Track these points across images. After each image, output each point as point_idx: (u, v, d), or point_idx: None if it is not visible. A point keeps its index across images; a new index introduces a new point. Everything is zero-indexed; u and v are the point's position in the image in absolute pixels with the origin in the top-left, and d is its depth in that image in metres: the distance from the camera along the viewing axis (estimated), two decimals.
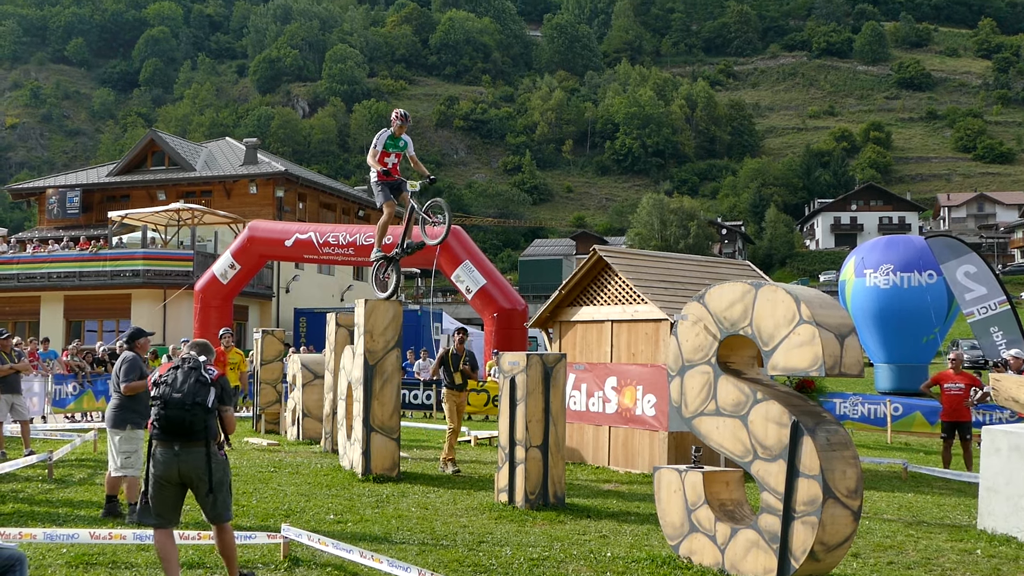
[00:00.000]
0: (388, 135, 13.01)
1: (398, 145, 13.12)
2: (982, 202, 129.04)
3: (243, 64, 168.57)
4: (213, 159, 46.60)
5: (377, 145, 12.98)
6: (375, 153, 12.98)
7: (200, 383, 6.81)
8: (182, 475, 6.85)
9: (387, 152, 13.07)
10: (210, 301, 31.51)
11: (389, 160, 13.11)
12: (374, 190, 13.22)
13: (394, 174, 13.19)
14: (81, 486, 12.22)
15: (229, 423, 7.10)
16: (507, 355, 11.82)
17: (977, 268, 24.02)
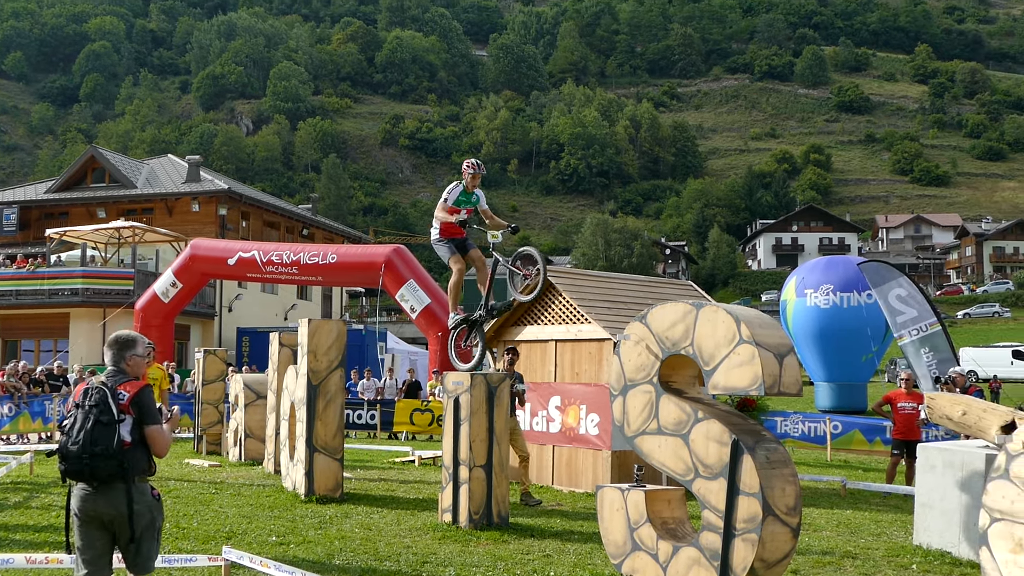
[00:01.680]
0: (460, 191, 11.71)
1: (470, 201, 11.84)
2: (919, 224, 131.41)
3: (186, 80, 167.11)
4: (155, 176, 46.12)
5: (448, 200, 11.65)
6: (444, 207, 11.66)
7: (101, 424, 5.64)
8: (101, 516, 5.74)
9: (456, 208, 11.77)
10: (151, 320, 31.16)
11: (457, 217, 11.81)
12: (436, 248, 12.03)
13: (460, 233, 11.97)
14: (16, 510, 12.01)
15: (157, 444, 5.85)
16: (451, 375, 11.84)
17: (908, 291, 24.44)
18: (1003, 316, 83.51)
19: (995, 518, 6.98)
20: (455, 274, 11.91)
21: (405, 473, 16.92)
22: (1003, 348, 53.52)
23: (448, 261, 11.86)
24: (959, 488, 10.25)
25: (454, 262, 11.80)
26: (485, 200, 12.05)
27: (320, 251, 30.43)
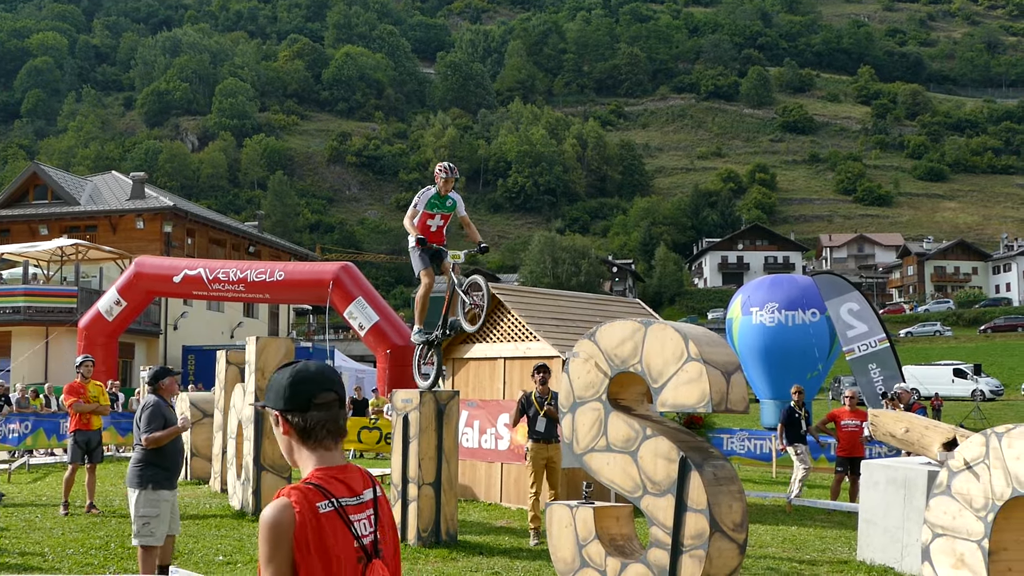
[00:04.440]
0: (433, 194, 11.18)
1: (444, 205, 11.28)
2: (862, 243, 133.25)
3: (130, 96, 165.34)
4: (98, 193, 45.55)
5: (418, 205, 11.14)
6: (415, 214, 11.10)
7: None
8: None
9: (430, 213, 11.21)
10: (95, 339, 30.73)
11: (433, 223, 11.24)
12: (411, 257, 11.41)
13: (438, 240, 11.34)
14: None
15: None
16: (400, 392, 11.82)
17: (860, 306, 24.80)
18: (944, 335, 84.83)
19: (937, 534, 7.11)
20: (423, 287, 11.26)
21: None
22: (944, 366, 54.40)
23: (419, 272, 11.25)
24: (902, 504, 10.40)
25: (424, 274, 11.16)
26: (463, 206, 11.57)
27: (267, 269, 30.23)
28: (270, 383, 2.99)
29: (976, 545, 6.79)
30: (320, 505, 2.76)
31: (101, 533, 11.61)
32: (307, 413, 2.88)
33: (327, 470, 2.87)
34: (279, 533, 2.69)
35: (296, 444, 2.91)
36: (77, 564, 9.55)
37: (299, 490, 2.77)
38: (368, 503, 2.92)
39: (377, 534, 2.91)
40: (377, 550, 2.89)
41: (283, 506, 2.72)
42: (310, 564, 2.71)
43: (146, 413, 8.52)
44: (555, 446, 11.32)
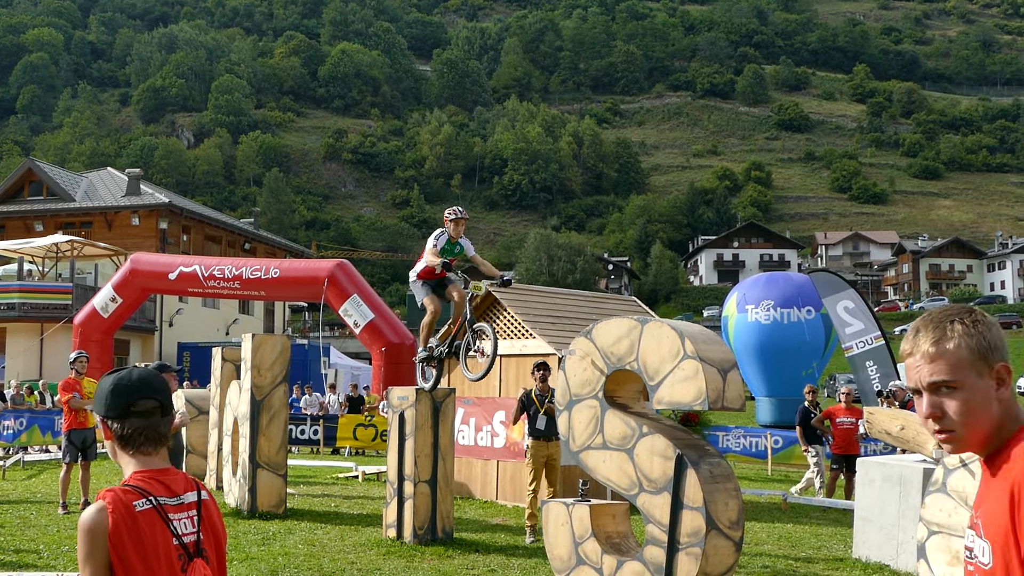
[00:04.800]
0: (446, 241, 11.06)
1: (453, 251, 11.20)
2: (857, 241, 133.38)
3: (126, 93, 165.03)
4: (94, 189, 45.50)
5: (437, 245, 11.01)
6: (433, 252, 10.97)
7: None
8: None
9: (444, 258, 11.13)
10: (90, 335, 30.68)
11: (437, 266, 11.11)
12: (414, 289, 11.47)
13: (439, 274, 11.19)
14: None
15: None
16: (396, 390, 11.82)
17: (855, 304, 24.80)
18: None
19: (933, 531, 7.11)
20: (429, 315, 11.22)
21: (349, 489, 16.83)
22: None
23: (422, 301, 11.20)
24: (898, 502, 10.42)
25: (429, 302, 11.12)
26: (472, 248, 11.43)
27: (262, 266, 30.21)
28: (97, 389, 3.12)
29: None
30: (137, 504, 2.90)
31: None
32: (126, 420, 3.02)
33: (146, 472, 3.02)
34: (94, 536, 2.82)
35: (118, 448, 3.06)
36: (72, 561, 9.53)
37: (114, 492, 2.92)
38: (191, 505, 3.07)
39: (200, 535, 3.05)
40: (200, 550, 3.04)
41: (97, 510, 2.85)
42: (128, 561, 2.83)
43: None
44: (555, 444, 11.36)
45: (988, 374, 2.19)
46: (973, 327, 2.22)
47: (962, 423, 2.19)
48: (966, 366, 2.19)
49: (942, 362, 2.22)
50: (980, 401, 2.18)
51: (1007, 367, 2.18)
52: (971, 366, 2.20)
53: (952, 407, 2.21)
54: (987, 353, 2.20)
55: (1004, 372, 2.19)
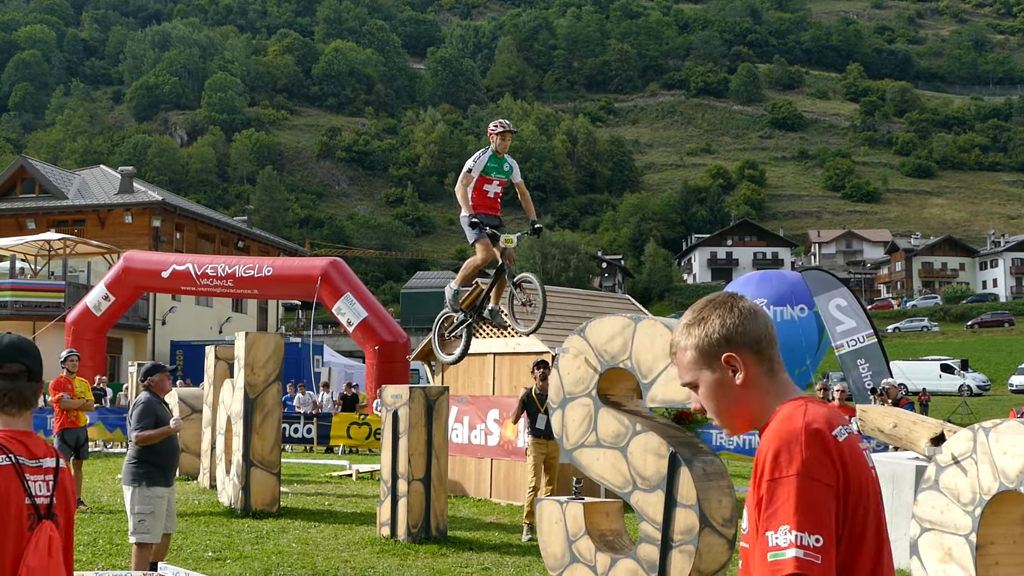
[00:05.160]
0: (489, 155, 9.83)
1: (502, 169, 9.92)
2: (850, 239, 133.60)
3: (119, 90, 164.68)
4: (86, 187, 45.42)
5: (473, 170, 9.83)
6: (468, 180, 9.82)
7: None
8: None
9: (487, 178, 9.89)
10: (83, 334, 30.63)
11: (490, 188, 9.95)
12: (464, 227, 10.07)
13: (494, 209, 10.04)
14: None
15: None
16: (390, 388, 11.82)
17: (847, 302, 24.87)
18: (931, 330, 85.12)
19: (925, 528, 7.14)
20: (478, 259, 9.90)
21: (342, 487, 16.83)
22: (932, 362, 54.59)
23: (474, 243, 9.86)
24: (890, 499, 10.44)
25: (481, 247, 9.77)
26: (519, 171, 10.23)
27: (256, 264, 30.17)
28: None
29: (964, 539, 6.82)
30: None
31: (89, 530, 11.59)
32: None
33: (9, 432, 3.15)
34: None
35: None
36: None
37: None
38: (49, 470, 3.20)
39: (53, 499, 3.19)
40: (51, 513, 3.16)
41: None
42: None
43: (137, 410, 8.47)
44: (555, 443, 10.99)
45: (718, 366, 2.43)
46: (693, 329, 2.48)
47: (715, 412, 2.48)
48: (695, 367, 2.46)
49: (681, 368, 2.53)
50: (719, 392, 2.44)
51: (732, 355, 2.41)
52: (699, 365, 2.47)
53: (703, 401, 2.51)
54: (711, 348, 2.44)
55: (732, 360, 2.41)
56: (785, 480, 2.26)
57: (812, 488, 2.25)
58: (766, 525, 2.26)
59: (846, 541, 2.31)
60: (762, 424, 2.45)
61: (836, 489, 2.29)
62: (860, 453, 2.40)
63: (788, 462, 2.28)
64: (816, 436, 2.31)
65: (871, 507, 2.38)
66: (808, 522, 2.22)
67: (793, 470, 2.26)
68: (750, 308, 2.51)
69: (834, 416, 2.41)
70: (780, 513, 2.24)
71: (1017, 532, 6.98)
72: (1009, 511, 6.81)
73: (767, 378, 2.47)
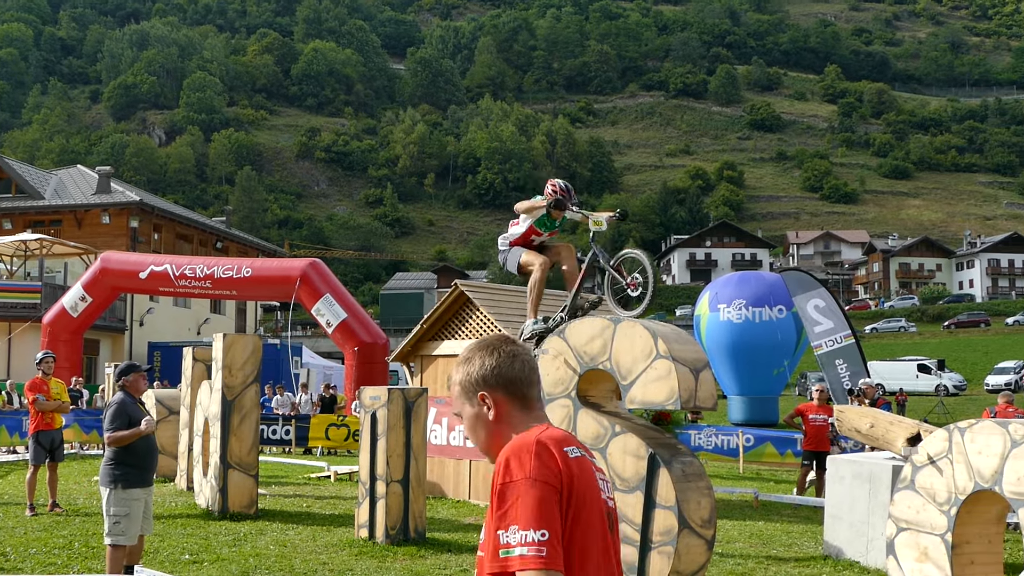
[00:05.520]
0: (543, 215, 9.32)
1: (554, 225, 9.45)
2: (828, 240, 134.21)
3: (97, 90, 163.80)
4: (63, 187, 45.13)
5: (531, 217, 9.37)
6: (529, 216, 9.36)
7: None
8: None
9: (537, 231, 9.44)
10: (59, 335, 30.44)
11: (536, 239, 9.54)
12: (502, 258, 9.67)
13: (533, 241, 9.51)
14: None
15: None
16: (368, 389, 11.79)
17: (825, 302, 24.97)
18: (908, 331, 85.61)
19: (901, 528, 7.17)
20: (538, 271, 9.22)
21: (321, 489, 16.78)
22: (909, 362, 54.91)
23: (520, 261, 9.36)
24: (867, 499, 10.49)
25: (531, 257, 9.26)
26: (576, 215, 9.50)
27: (234, 265, 30.05)
28: None
29: (940, 539, 6.86)
30: None
31: (65, 532, 11.51)
32: None
33: None
34: None
35: None
36: (40, 564, 9.45)
37: None
38: None
39: None
40: None
41: None
42: None
43: (110, 411, 8.39)
44: None
45: (476, 402, 2.80)
46: (460, 368, 2.86)
47: (474, 441, 2.87)
48: (459, 401, 2.85)
49: (452, 399, 2.92)
50: (475, 424, 2.83)
51: (484, 395, 2.77)
52: (461, 400, 2.85)
53: (466, 430, 2.89)
54: (470, 387, 2.82)
55: (485, 399, 2.78)
56: (514, 484, 2.54)
57: (538, 489, 2.52)
58: (497, 525, 2.52)
59: (578, 547, 2.56)
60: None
61: (561, 492, 2.54)
62: (592, 475, 2.66)
63: (518, 468, 2.56)
64: (544, 447, 2.60)
65: (596, 525, 2.61)
66: (535, 520, 2.47)
67: (522, 475, 2.54)
68: (510, 352, 2.83)
69: (572, 439, 2.72)
70: (510, 514, 2.51)
71: (992, 531, 7.02)
72: (984, 510, 6.86)
73: (519, 415, 2.80)
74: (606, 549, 2.63)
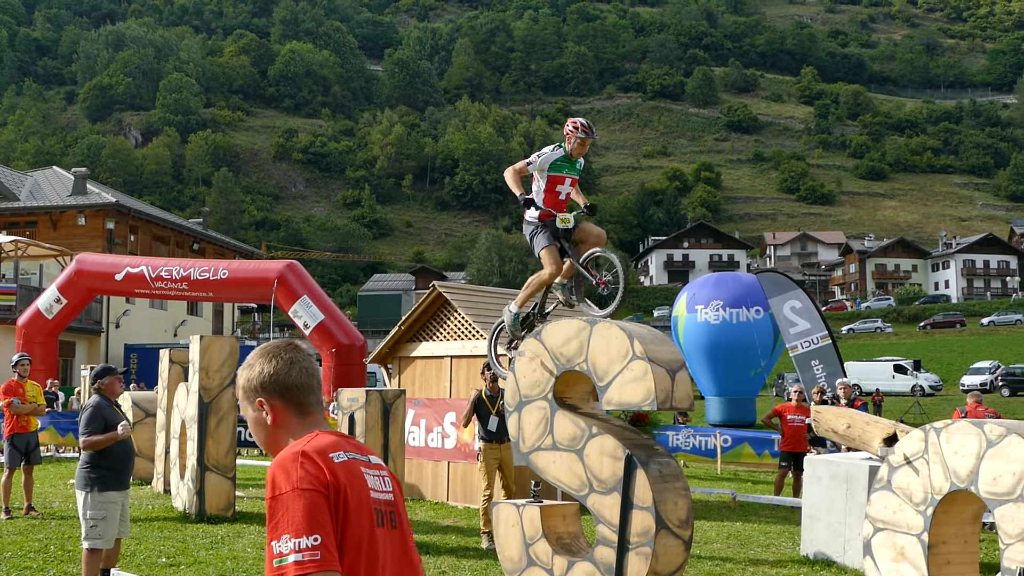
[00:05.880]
0: (561, 156, 8.44)
1: (575, 168, 8.55)
2: (805, 241, 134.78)
3: (72, 91, 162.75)
4: (39, 189, 44.82)
5: (533, 164, 8.41)
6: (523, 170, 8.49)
7: None
8: None
9: (558, 176, 8.41)
10: (34, 337, 30.20)
11: (563, 189, 8.43)
12: (529, 232, 8.51)
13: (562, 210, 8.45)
14: None
15: None
16: (346, 391, 11.76)
17: (802, 303, 25.06)
18: (885, 331, 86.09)
19: (878, 528, 7.20)
20: (545, 274, 8.39)
21: None
22: (885, 362, 55.24)
23: (540, 253, 8.36)
24: (844, 499, 10.54)
25: (549, 259, 8.28)
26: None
27: (211, 267, 29.91)
28: None
29: (916, 539, 6.89)
30: None
31: (40, 536, 11.43)
32: None
33: None
34: None
35: None
36: (15, 568, 9.38)
37: None
38: None
39: None
40: None
41: None
42: None
43: (85, 414, 8.34)
44: (507, 446, 10.72)
45: (255, 407, 2.94)
46: (243, 372, 2.98)
47: (257, 442, 3.02)
48: (242, 404, 2.98)
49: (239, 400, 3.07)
50: (256, 427, 2.98)
51: (262, 401, 2.91)
52: (244, 403, 2.99)
53: (252, 432, 3.03)
54: (250, 392, 2.95)
55: (263, 405, 2.92)
56: (281, 497, 2.66)
57: (306, 498, 2.64)
58: (271, 536, 2.64)
59: (352, 546, 2.70)
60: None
61: (329, 496, 2.67)
62: (359, 476, 2.80)
63: (284, 480, 2.68)
64: (307, 457, 2.73)
65: (364, 522, 2.75)
66: (306, 526, 2.59)
67: (288, 487, 2.66)
68: (289, 360, 2.96)
69: (341, 444, 2.85)
70: (280, 525, 2.62)
71: (968, 531, 7.06)
72: (960, 510, 6.89)
73: (296, 420, 2.95)
74: (372, 543, 2.76)
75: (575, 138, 8.37)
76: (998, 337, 75.65)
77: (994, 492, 6.37)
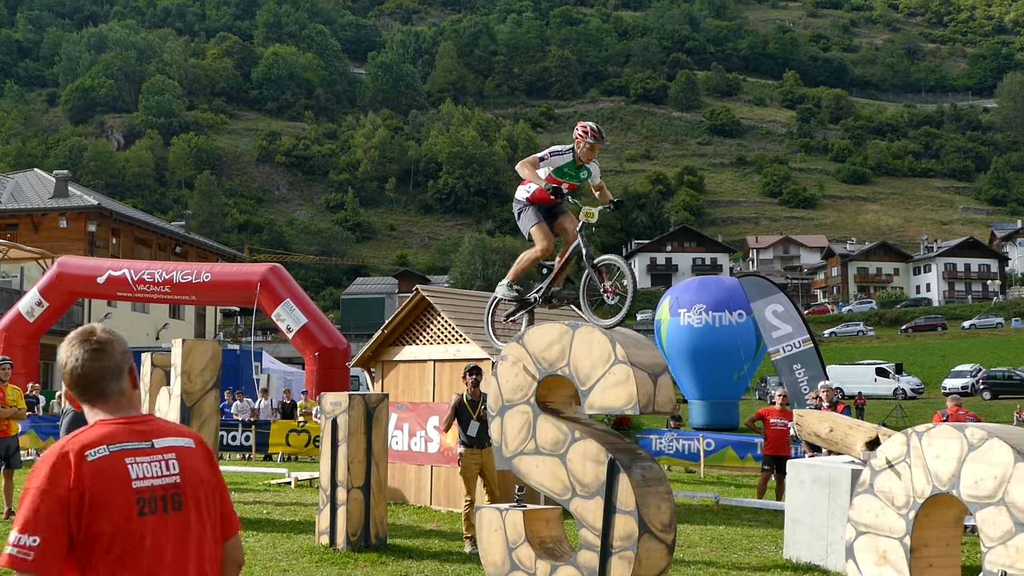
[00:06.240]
0: (568, 161, 8.45)
1: (578, 176, 8.65)
2: (787, 245, 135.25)
3: (54, 93, 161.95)
4: (20, 191, 44.58)
5: (544, 160, 8.39)
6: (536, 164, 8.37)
7: None
8: None
9: (557, 179, 8.52)
10: (14, 340, 30.03)
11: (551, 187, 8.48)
12: (516, 210, 8.68)
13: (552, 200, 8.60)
14: None
15: None
16: (329, 395, 11.73)
17: (784, 307, 25.10)
18: (867, 335, 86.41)
19: (860, 531, 7.22)
20: (537, 250, 8.59)
21: (281, 495, 16.67)
22: (867, 366, 55.45)
23: (529, 230, 8.55)
24: (827, 503, 10.56)
25: (540, 234, 8.48)
26: (599, 174, 8.78)
27: (193, 270, 29.80)
28: None
29: (898, 542, 6.91)
30: None
31: None
32: None
33: None
34: None
35: None
36: None
37: None
38: None
39: None
40: None
41: None
42: None
43: (66, 420, 8.26)
44: (488, 451, 10.71)
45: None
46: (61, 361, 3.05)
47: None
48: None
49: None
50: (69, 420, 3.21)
51: (69, 393, 3.03)
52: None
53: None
54: (65, 386, 3.02)
55: (69, 394, 3.07)
56: (28, 491, 2.83)
57: (41, 498, 2.80)
58: (14, 525, 2.81)
59: (85, 541, 2.82)
60: None
61: (68, 500, 2.81)
62: (119, 470, 2.89)
63: (35, 476, 2.84)
64: (61, 457, 2.85)
65: (116, 516, 2.86)
66: (30, 525, 2.77)
67: (34, 484, 2.83)
68: (78, 353, 3.02)
69: (112, 436, 2.94)
70: (19, 516, 2.80)
71: (950, 534, 7.09)
72: (942, 514, 6.92)
73: (88, 410, 3.04)
74: (129, 533, 2.88)
75: (584, 143, 8.39)
76: (979, 340, 76.03)
77: (976, 495, 6.40)
